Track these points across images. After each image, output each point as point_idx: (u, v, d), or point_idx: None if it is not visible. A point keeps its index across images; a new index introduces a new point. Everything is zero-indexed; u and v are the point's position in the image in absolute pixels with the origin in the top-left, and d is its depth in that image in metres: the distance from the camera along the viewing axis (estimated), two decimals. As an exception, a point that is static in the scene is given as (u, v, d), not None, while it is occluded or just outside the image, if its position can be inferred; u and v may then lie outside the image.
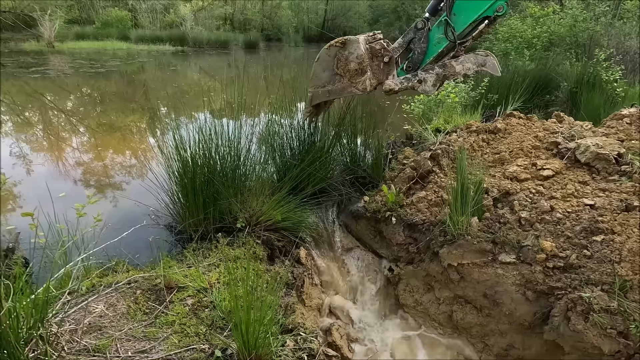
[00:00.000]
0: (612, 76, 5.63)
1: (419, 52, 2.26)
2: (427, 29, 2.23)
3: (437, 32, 2.23)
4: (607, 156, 2.65)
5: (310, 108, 2.52)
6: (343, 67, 2.29)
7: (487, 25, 2.18)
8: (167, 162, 2.48)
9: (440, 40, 2.22)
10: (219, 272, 2.10)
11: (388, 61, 2.28)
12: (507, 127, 3.39)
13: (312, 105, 2.49)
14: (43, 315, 1.32)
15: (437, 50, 2.26)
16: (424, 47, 2.25)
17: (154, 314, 1.75)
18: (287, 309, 1.94)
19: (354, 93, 2.34)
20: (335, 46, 2.29)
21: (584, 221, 2.31)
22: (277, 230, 2.64)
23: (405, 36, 2.30)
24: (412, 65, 2.31)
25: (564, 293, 2.11)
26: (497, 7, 2.05)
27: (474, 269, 2.47)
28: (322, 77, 2.36)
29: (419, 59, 2.27)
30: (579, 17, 8.01)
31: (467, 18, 2.15)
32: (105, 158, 4.55)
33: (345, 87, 2.32)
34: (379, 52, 2.29)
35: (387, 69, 2.31)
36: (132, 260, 2.23)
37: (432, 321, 2.74)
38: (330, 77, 2.34)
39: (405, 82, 2.29)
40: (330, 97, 2.41)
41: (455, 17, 2.14)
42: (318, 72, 2.36)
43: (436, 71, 2.25)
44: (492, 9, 2.07)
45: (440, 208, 2.84)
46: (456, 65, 2.22)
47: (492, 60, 2.22)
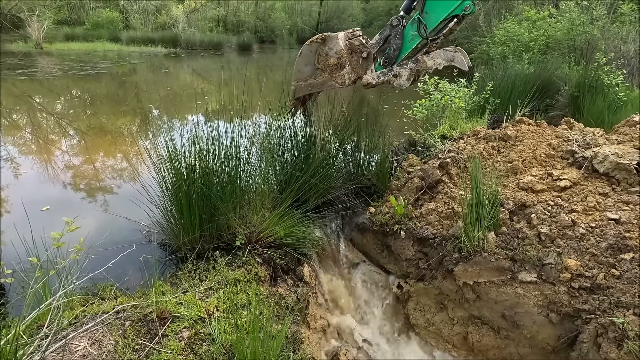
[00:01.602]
0: (614, 80, 5.56)
1: (395, 48, 2.38)
2: (402, 27, 2.36)
3: (411, 30, 2.35)
4: (627, 166, 2.52)
5: (294, 101, 2.62)
6: (323, 62, 2.40)
7: (456, 23, 2.30)
8: (159, 175, 2.27)
9: (414, 37, 2.34)
10: (217, 297, 1.90)
11: (366, 56, 2.39)
12: (518, 134, 3.25)
13: (295, 98, 2.60)
14: (12, 367, 1.11)
15: (411, 47, 2.38)
16: (399, 44, 2.37)
17: (145, 351, 1.55)
18: (294, 340, 1.75)
19: (334, 86, 2.44)
20: (316, 42, 2.39)
21: (609, 237, 2.16)
22: (279, 247, 2.44)
23: (382, 33, 2.41)
24: (389, 61, 2.42)
25: (593, 317, 1.96)
26: (464, 6, 2.19)
27: (492, 287, 2.30)
28: (304, 72, 2.47)
29: (395, 55, 2.39)
30: (576, 21, 7.97)
31: (438, 16, 2.27)
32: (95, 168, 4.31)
33: (326, 80, 2.43)
34: (357, 48, 2.39)
35: (365, 63, 2.41)
36: (121, 284, 2.02)
37: (446, 343, 2.57)
38: (312, 71, 2.45)
39: (382, 77, 2.40)
40: (312, 90, 2.52)
41: (427, 16, 2.27)
42: (301, 67, 2.46)
43: (410, 66, 2.36)
44: (460, 8, 2.20)
45: (452, 221, 2.67)
46: (428, 60, 2.34)
47: (460, 56, 2.33)
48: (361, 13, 28.78)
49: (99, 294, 1.88)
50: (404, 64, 2.40)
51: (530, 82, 5.49)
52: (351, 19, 28.08)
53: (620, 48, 7.34)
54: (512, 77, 5.61)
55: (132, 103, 8.03)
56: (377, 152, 3.32)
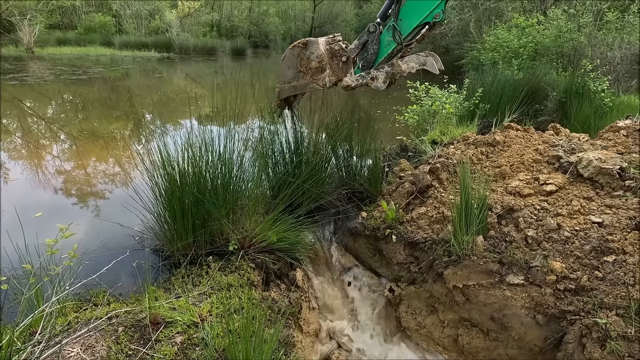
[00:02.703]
0: (599, 86, 5.70)
1: (372, 53, 2.52)
2: (379, 33, 2.50)
3: (386, 35, 2.49)
4: (610, 171, 2.60)
5: (279, 102, 2.77)
6: (305, 65, 2.53)
7: (428, 29, 2.45)
8: (152, 180, 2.29)
9: (390, 42, 2.48)
10: (210, 302, 1.92)
11: (346, 60, 2.53)
12: (506, 140, 3.32)
13: (279, 99, 2.75)
14: (5, 374, 1.12)
15: (387, 52, 2.51)
16: (376, 49, 2.51)
17: (138, 356, 1.56)
18: (287, 345, 1.78)
19: (315, 88, 2.57)
20: (298, 46, 2.52)
21: (593, 240, 2.22)
22: (272, 251, 2.47)
23: (360, 38, 2.55)
24: (367, 64, 2.55)
25: (577, 318, 2.01)
26: (434, 14, 2.34)
27: (481, 290, 2.35)
28: (287, 74, 2.61)
29: (372, 59, 2.53)
30: (564, 28, 8.15)
31: (411, 23, 2.41)
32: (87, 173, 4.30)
33: (308, 83, 2.56)
34: (337, 53, 2.53)
35: (345, 67, 2.55)
36: (114, 290, 2.03)
37: (437, 345, 2.61)
38: (295, 74, 2.59)
39: (360, 79, 2.53)
40: (296, 92, 2.67)
41: (401, 22, 2.42)
42: (284, 70, 2.61)
43: (386, 69, 2.50)
44: (431, 16, 2.35)
45: (442, 225, 2.73)
46: (402, 64, 2.48)
47: (431, 60, 2.47)
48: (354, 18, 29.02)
49: (92, 300, 1.89)
50: (380, 67, 2.53)
51: (519, 87, 5.61)
52: (344, 24, 28.31)
53: (607, 55, 7.52)
54: (501, 83, 5.72)
55: (125, 108, 8.01)
56: (369, 157, 3.37)
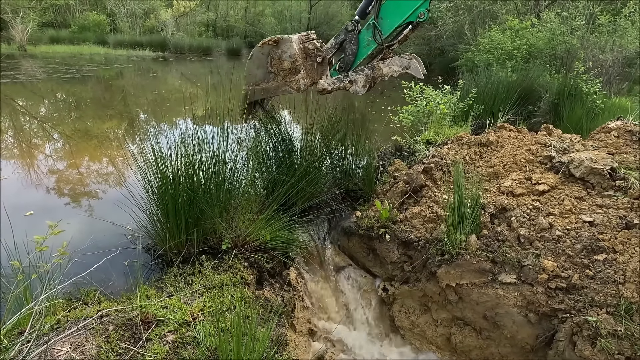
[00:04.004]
0: (592, 88, 5.77)
1: (350, 54, 2.35)
2: (357, 31, 2.33)
3: (366, 35, 2.33)
4: (601, 171, 2.62)
5: (247, 106, 2.51)
6: (277, 66, 2.34)
7: (411, 30, 2.28)
8: (145, 178, 2.27)
9: (370, 42, 2.32)
10: (203, 301, 1.91)
11: (321, 61, 2.35)
12: (499, 140, 3.35)
13: (247, 103, 2.48)
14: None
15: (366, 53, 2.36)
16: (355, 49, 2.34)
17: (129, 355, 1.55)
18: (279, 343, 1.77)
19: (288, 92, 2.38)
20: (269, 44, 2.31)
21: (584, 239, 2.24)
22: (265, 250, 2.46)
23: (337, 37, 2.37)
24: (344, 66, 2.39)
25: (568, 316, 2.03)
26: (418, 13, 2.19)
27: (473, 289, 2.36)
28: (256, 75, 2.39)
29: (350, 60, 2.37)
30: (557, 31, 8.24)
31: (393, 22, 2.26)
32: (80, 172, 4.25)
33: (280, 85, 2.37)
34: (312, 52, 2.35)
35: (320, 69, 2.38)
36: (105, 289, 2.01)
37: (430, 344, 2.62)
38: (265, 75, 2.38)
39: (338, 83, 2.38)
40: (266, 96, 2.45)
41: (382, 21, 2.25)
42: (252, 70, 2.39)
43: (365, 72, 2.34)
44: (414, 15, 2.20)
45: (436, 224, 2.73)
46: (383, 67, 2.31)
47: (415, 64, 2.30)
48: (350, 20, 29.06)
49: (83, 298, 1.87)
50: (359, 70, 2.37)
51: (513, 89, 5.66)
52: (340, 25, 28.35)
53: (599, 57, 7.61)
54: (495, 84, 5.76)
55: (119, 107, 7.95)
56: (364, 157, 3.37)
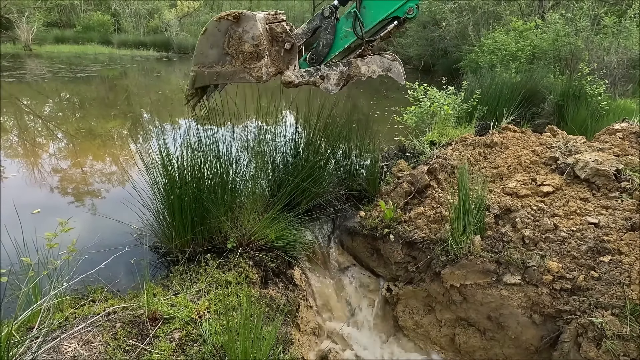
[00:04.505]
0: (596, 90, 5.75)
1: (324, 44, 2.05)
2: (335, 19, 2.01)
3: (345, 25, 2.02)
4: (606, 172, 2.62)
5: (193, 90, 2.13)
6: (235, 47, 1.96)
7: (397, 26, 2.02)
8: (152, 178, 2.29)
9: (348, 34, 2.03)
10: (208, 299, 1.92)
11: (290, 48, 2.01)
12: (504, 141, 3.34)
13: (194, 88, 2.11)
14: (4, 367, 1.12)
15: (343, 45, 2.06)
16: (330, 39, 2.04)
17: (136, 352, 1.56)
18: (285, 342, 1.78)
19: (247, 80, 2.02)
20: (227, 20, 1.92)
21: (589, 240, 2.24)
22: (270, 250, 2.47)
23: (311, 23, 2.06)
24: (316, 58, 2.07)
25: (573, 317, 2.03)
26: (407, 8, 1.94)
27: (478, 290, 2.36)
28: (208, 55, 2.01)
29: (324, 52, 2.06)
30: (561, 32, 8.22)
31: (377, 14, 1.99)
32: (85, 172, 4.28)
33: (238, 71, 2.00)
34: (279, 36, 2.00)
35: (288, 57, 2.04)
36: (112, 287, 2.02)
37: (433, 344, 2.62)
38: (220, 56, 2.00)
39: (307, 76, 2.06)
40: (219, 81, 2.07)
41: (365, 11, 1.97)
42: (204, 48, 2.00)
43: (340, 69, 2.04)
44: (402, 10, 1.95)
45: (440, 225, 2.74)
46: (362, 65, 2.04)
47: (397, 67, 2.03)
48: None
49: (90, 295, 1.89)
50: (333, 64, 2.06)
51: (517, 90, 5.65)
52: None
53: (603, 59, 7.58)
54: (499, 86, 5.76)
55: (123, 107, 7.99)
56: (368, 157, 3.38)
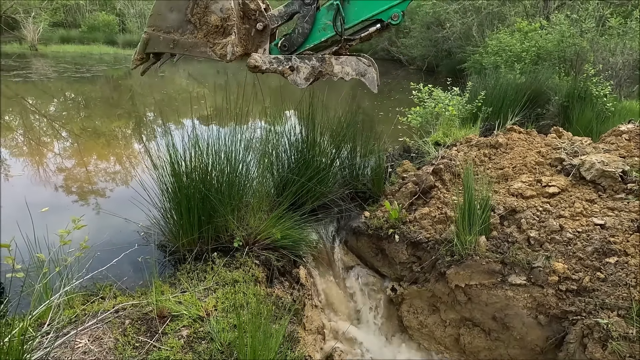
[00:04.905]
0: (602, 91, 5.73)
1: (300, 33, 1.90)
2: (316, 7, 1.88)
3: (325, 17, 1.88)
4: (613, 174, 2.62)
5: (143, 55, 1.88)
6: (200, 16, 1.76)
7: (379, 30, 1.92)
8: (159, 178, 2.31)
9: (327, 27, 1.89)
10: (216, 297, 1.94)
11: (262, 29, 1.85)
12: (509, 142, 3.35)
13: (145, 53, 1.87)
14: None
15: (320, 38, 1.93)
16: (307, 29, 1.90)
17: (145, 348, 1.58)
18: (291, 340, 1.80)
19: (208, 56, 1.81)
20: None
21: (595, 242, 2.24)
22: (275, 249, 2.49)
23: (289, 6, 1.91)
24: (289, 46, 1.92)
25: (579, 318, 2.03)
26: (392, 13, 1.85)
27: (483, 290, 2.37)
28: (167, 19, 1.78)
29: (299, 41, 1.92)
30: (566, 33, 8.19)
31: (361, 12, 1.87)
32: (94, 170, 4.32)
33: (199, 44, 1.79)
34: (252, 14, 1.83)
35: (258, 38, 1.87)
36: (120, 284, 2.05)
37: (438, 344, 2.63)
38: (180, 22, 1.78)
39: (276, 64, 1.90)
40: (175, 51, 1.84)
41: (349, 6, 1.86)
42: (163, 10, 1.78)
43: (312, 63, 1.90)
44: (387, 14, 1.86)
45: (445, 225, 2.74)
46: (336, 64, 1.90)
47: (372, 73, 1.91)
48: None
49: (99, 293, 1.91)
50: (306, 57, 1.91)
51: (522, 91, 5.64)
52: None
53: (609, 60, 7.55)
54: (504, 87, 5.75)
55: (127, 106, 8.04)
56: (373, 158, 3.39)
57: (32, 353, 1.36)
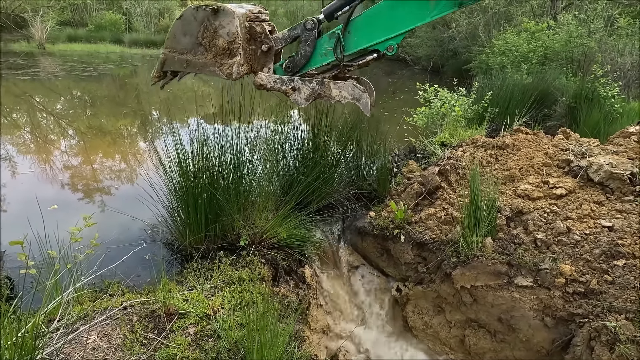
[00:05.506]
0: (610, 92, 5.68)
1: (302, 55, 2.09)
2: (316, 32, 2.05)
3: (327, 44, 2.05)
4: (621, 176, 2.60)
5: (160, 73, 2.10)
6: (209, 39, 1.95)
7: (375, 58, 2.06)
8: (167, 175, 2.33)
9: (328, 53, 2.07)
10: (222, 295, 1.95)
11: (267, 50, 2.03)
12: (515, 143, 3.33)
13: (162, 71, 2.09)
14: (31, 356, 1.16)
15: (320, 62, 2.11)
16: (309, 52, 2.07)
17: (153, 345, 1.60)
18: (297, 339, 1.80)
19: (217, 75, 2.02)
20: (205, 10, 1.91)
21: (603, 244, 2.23)
22: (281, 248, 2.50)
23: (292, 30, 2.09)
24: (292, 67, 2.12)
25: (586, 320, 2.02)
26: (388, 45, 1.99)
27: (489, 291, 2.36)
28: (181, 42, 2.01)
29: (301, 63, 2.11)
30: (574, 33, 8.12)
31: (360, 42, 2.02)
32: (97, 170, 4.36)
33: (208, 64, 1.99)
34: (258, 36, 2.01)
35: (263, 58, 2.06)
36: (128, 282, 2.07)
37: (443, 345, 2.62)
38: (192, 45, 1.99)
39: (280, 83, 2.08)
40: (188, 70, 2.06)
41: (349, 36, 2.02)
42: (178, 34, 2.00)
43: (313, 86, 2.08)
44: (384, 45, 2.01)
45: (451, 226, 2.74)
46: (334, 88, 2.07)
47: (366, 99, 2.05)
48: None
49: (108, 290, 1.93)
50: (308, 80, 2.10)
51: (528, 92, 5.61)
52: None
53: (617, 61, 7.48)
54: (510, 87, 5.72)
55: (133, 105, 8.09)
56: (378, 158, 3.39)
57: (44, 348, 1.38)
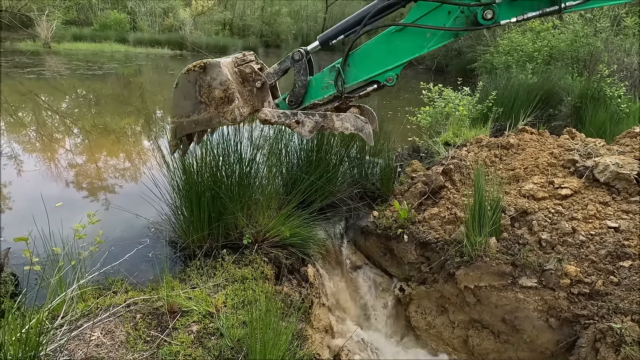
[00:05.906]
0: (616, 92, 5.63)
1: (300, 85, 2.15)
2: (306, 60, 2.12)
3: (327, 77, 2.11)
4: (627, 176, 2.57)
5: (177, 141, 2.18)
6: (207, 95, 2.05)
7: (375, 89, 2.11)
8: (170, 174, 2.34)
9: (329, 86, 2.12)
10: (225, 294, 1.95)
11: (261, 86, 2.12)
12: (520, 143, 3.31)
13: (177, 138, 2.16)
14: (35, 352, 1.16)
15: (323, 95, 2.16)
16: (304, 80, 2.14)
17: (156, 342, 1.60)
18: (300, 338, 1.80)
19: (224, 123, 2.11)
20: (195, 71, 2.04)
21: (609, 245, 2.21)
22: (284, 247, 2.50)
23: (282, 63, 2.16)
24: (295, 100, 2.17)
25: (591, 322, 2.00)
26: (388, 77, 2.04)
27: (492, 292, 2.35)
28: (184, 106, 2.11)
29: (301, 93, 2.17)
30: (580, 33, 8.06)
31: (359, 75, 2.08)
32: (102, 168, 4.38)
33: (213, 117, 2.08)
34: (249, 76, 2.11)
35: (260, 95, 2.14)
36: (132, 279, 2.07)
37: (446, 346, 2.61)
38: (194, 105, 2.09)
39: (284, 117, 2.13)
40: (198, 128, 2.14)
41: (349, 69, 2.08)
42: (179, 101, 2.12)
43: (316, 119, 2.13)
44: (383, 76, 2.06)
45: (454, 226, 2.73)
46: (336, 120, 2.10)
47: (369, 129, 2.09)
48: None
49: (111, 287, 1.93)
50: (311, 113, 2.14)
51: (533, 92, 5.57)
52: (356, 25, 28.20)
53: (623, 60, 7.41)
54: (515, 87, 5.68)
55: (137, 104, 8.13)
56: (382, 158, 3.38)
57: (47, 345, 1.39)
